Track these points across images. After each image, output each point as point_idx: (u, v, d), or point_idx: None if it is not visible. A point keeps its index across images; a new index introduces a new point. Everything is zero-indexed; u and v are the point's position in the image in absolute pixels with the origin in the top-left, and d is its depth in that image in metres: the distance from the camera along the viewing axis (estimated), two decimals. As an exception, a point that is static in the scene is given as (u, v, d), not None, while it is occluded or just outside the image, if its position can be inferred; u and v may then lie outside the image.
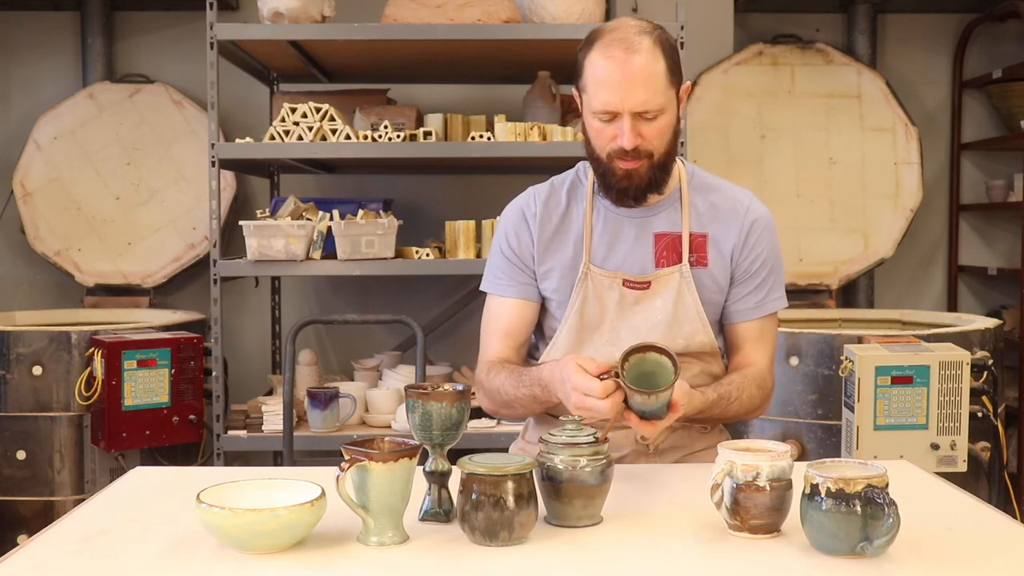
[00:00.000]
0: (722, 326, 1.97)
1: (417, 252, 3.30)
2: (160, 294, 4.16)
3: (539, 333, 1.99)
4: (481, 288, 2.00)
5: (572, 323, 1.89)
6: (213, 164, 3.21)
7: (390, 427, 3.32)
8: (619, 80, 1.75)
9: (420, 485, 1.51)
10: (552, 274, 1.92)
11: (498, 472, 1.39)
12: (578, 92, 1.86)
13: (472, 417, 3.08)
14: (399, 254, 3.32)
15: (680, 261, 1.88)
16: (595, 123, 1.81)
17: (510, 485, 1.39)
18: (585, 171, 1.96)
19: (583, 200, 1.93)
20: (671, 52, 1.80)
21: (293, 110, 3.24)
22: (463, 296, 4.12)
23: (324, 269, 3.24)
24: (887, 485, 1.33)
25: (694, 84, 4.12)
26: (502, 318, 1.95)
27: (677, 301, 1.87)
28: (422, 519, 1.51)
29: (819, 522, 1.34)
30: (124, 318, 3.78)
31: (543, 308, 1.96)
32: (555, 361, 1.76)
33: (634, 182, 1.82)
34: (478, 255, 3.32)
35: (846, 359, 2.80)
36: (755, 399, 1.89)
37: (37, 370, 3.19)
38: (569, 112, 3.61)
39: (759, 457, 1.42)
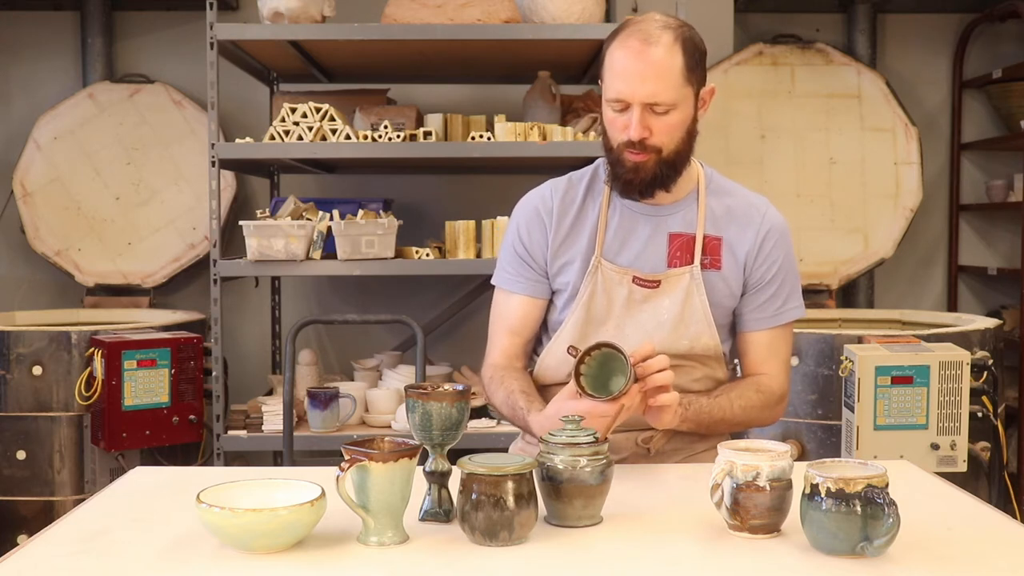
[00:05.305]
0: (732, 331, 1.97)
1: (417, 252, 3.30)
2: (160, 294, 4.16)
3: (543, 327, 1.99)
4: (492, 281, 2.02)
5: (579, 316, 1.89)
6: (213, 164, 3.21)
7: (390, 427, 3.32)
8: (632, 70, 1.76)
9: (420, 485, 1.51)
10: (567, 268, 1.91)
11: (498, 472, 1.39)
12: (601, 83, 1.88)
13: (472, 417, 3.10)
14: (399, 254, 3.32)
15: (693, 262, 1.88)
16: (609, 112, 1.83)
17: (510, 485, 1.39)
18: (604, 167, 1.96)
19: (600, 195, 1.93)
20: (692, 50, 1.79)
21: (293, 110, 3.23)
22: (463, 296, 4.12)
23: (324, 269, 3.24)
24: (887, 485, 1.33)
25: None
26: (509, 315, 1.96)
27: (685, 302, 1.87)
28: (422, 519, 1.51)
29: (819, 522, 1.34)
30: (124, 318, 3.79)
31: (549, 302, 1.97)
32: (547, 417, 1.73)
33: (640, 176, 1.82)
34: (478, 255, 3.32)
35: (846, 359, 2.80)
36: (752, 403, 1.88)
37: (37, 370, 3.19)
38: (569, 112, 3.61)
39: (759, 457, 1.42)
